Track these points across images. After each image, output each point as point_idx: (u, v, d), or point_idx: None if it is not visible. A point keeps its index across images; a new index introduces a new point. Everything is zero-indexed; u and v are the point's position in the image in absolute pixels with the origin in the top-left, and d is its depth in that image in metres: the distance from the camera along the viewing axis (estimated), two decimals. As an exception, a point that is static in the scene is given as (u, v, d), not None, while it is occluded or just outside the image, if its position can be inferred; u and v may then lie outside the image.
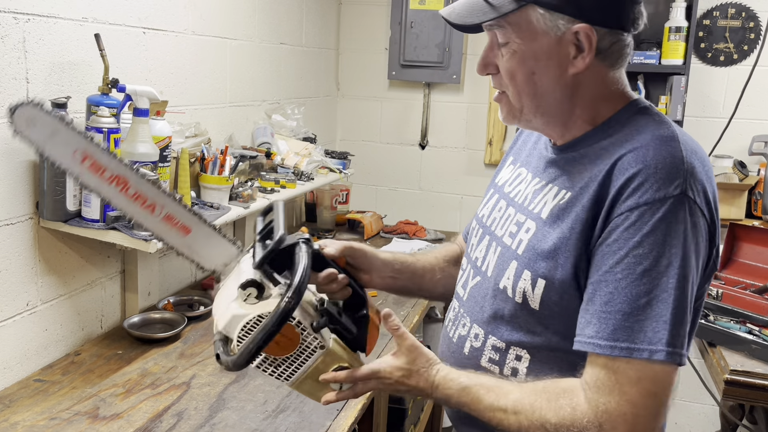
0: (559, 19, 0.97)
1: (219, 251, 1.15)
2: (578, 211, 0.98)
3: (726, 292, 2.26)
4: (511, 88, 1.03)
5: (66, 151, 1.06)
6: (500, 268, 1.07)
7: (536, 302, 1.01)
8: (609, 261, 0.93)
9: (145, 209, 1.11)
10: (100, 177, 1.07)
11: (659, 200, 0.90)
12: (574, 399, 0.94)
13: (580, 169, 1.02)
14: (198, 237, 1.14)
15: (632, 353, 0.91)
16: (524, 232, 1.05)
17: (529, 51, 0.99)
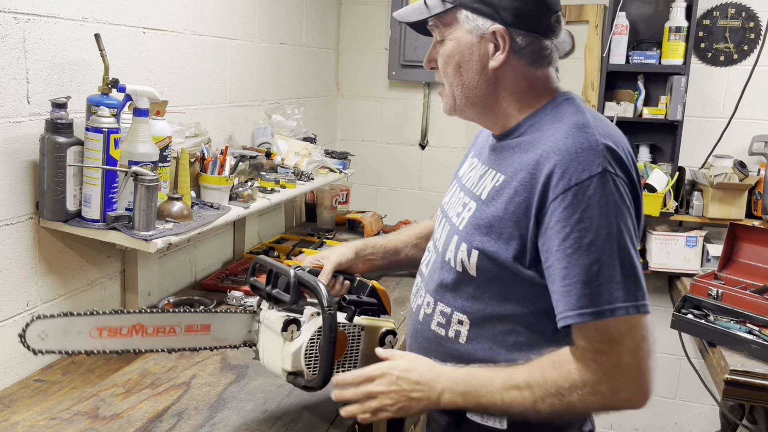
0: (480, 20, 1.14)
1: (240, 325, 1.35)
2: (510, 193, 1.13)
3: (726, 292, 2.26)
4: (446, 80, 1.22)
5: (83, 338, 1.13)
6: (446, 243, 1.23)
7: (473, 270, 1.17)
8: (557, 240, 1.05)
9: (168, 336, 1.23)
10: (121, 336, 1.18)
11: (586, 179, 1.04)
12: (576, 364, 1.06)
13: (513, 156, 1.17)
14: (219, 327, 1.32)
15: (600, 315, 1.03)
16: (467, 211, 1.21)
17: (457, 46, 1.17)
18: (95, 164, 1.52)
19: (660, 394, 3.31)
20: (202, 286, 2.19)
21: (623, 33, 2.88)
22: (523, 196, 1.10)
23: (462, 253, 1.17)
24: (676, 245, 2.89)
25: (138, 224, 1.56)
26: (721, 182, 2.77)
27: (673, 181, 2.85)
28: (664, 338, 3.23)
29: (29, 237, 1.55)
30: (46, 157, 1.50)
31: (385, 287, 2.32)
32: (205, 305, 1.97)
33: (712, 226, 2.95)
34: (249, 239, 2.56)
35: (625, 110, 2.93)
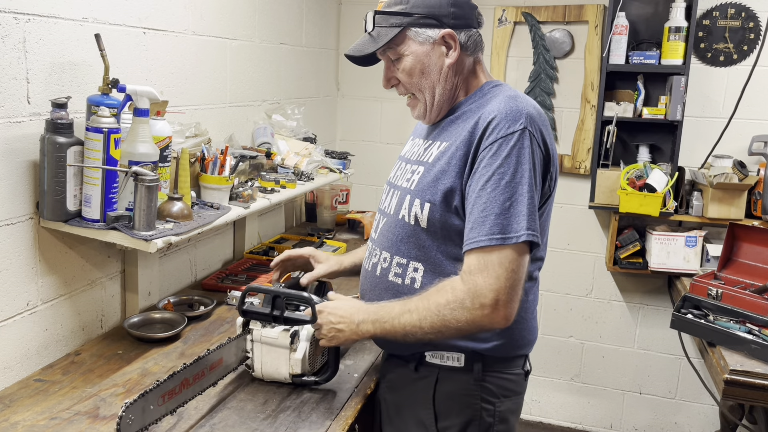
0: (428, 31, 1.38)
1: (236, 350, 1.51)
2: (453, 150, 1.35)
3: (726, 292, 2.26)
4: (413, 89, 1.44)
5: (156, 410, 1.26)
6: (399, 204, 1.43)
7: (424, 221, 1.37)
8: (481, 181, 1.28)
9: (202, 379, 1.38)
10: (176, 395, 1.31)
11: (510, 133, 1.29)
12: (454, 284, 1.30)
13: (455, 127, 1.40)
14: (227, 357, 1.46)
15: (505, 241, 1.25)
16: (416, 174, 1.42)
17: (416, 58, 1.40)
18: (95, 164, 1.52)
19: (660, 393, 3.31)
20: (203, 286, 2.19)
21: (623, 33, 2.88)
22: (462, 150, 1.33)
23: (416, 208, 1.38)
24: (675, 245, 2.89)
25: (138, 224, 1.56)
26: (721, 182, 2.78)
27: (672, 181, 2.86)
28: (664, 338, 3.23)
29: (29, 237, 1.55)
30: (47, 157, 1.50)
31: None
32: (204, 305, 1.97)
33: (712, 226, 2.95)
34: (249, 239, 2.56)
35: (625, 110, 2.93)
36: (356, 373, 1.63)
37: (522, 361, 1.47)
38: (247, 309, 1.55)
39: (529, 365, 1.50)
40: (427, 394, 1.43)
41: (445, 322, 1.29)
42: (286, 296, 1.53)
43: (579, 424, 3.44)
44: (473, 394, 1.41)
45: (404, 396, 1.48)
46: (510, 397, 1.44)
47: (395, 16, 1.38)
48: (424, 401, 1.43)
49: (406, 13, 1.37)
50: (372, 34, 1.41)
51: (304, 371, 1.52)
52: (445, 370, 1.41)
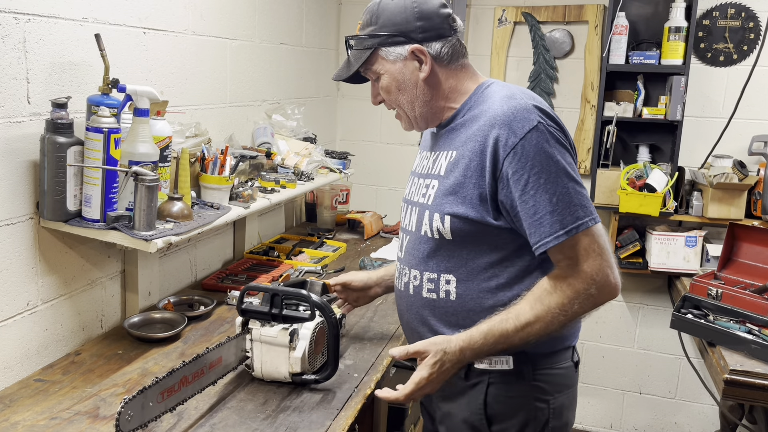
0: (397, 49, 1.39)
1: (235, 350, 1.51)
2: (465, 162, 1.35)
3: (726, 292, 2.26)
4: (394, 105, 1.46)
5: (156, 407, 1.27)
6: (419, 220, 1.43)
7: (448, 234, 1.37)
8: (519, 187, 1.29)
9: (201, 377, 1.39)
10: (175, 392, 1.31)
11: (527, 133, 1.28)
12: (565, 282, 1.30)
13: (458, 134, 1.40)
14: (226, 356, 1.47)
15: (574, 231, 1.27)
16: (431, 189, 1.42)
17: (390, 76, 1.42)
18: (95, 164, 1.52)
19: (660, 393, 3.32)
20: (203, 286, 2.19)
21: (623, 33, 2.89)
22: (476, 161, 1.33)
23: (436, 222, 1.38)
24: (675, 245, 2.89)
25: (138, 224, 1.56)
26: (721, 182, 2.78)
27: (672, 181, 2.86)
28: (663, 338, 3.23)
29: (30, 237, 1.56)
30: (47, 157, 1.50)
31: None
32: (204, 305, 1.97)
33: (712, 226, 2.95)
34: (249, 239, 2.56)
35: (625, 110, 2.93)
36: (356, 373, 1.63)
37: (570, 352, 1.46)
38: (246, 308, 1.55)
39: (577, 356, 1.49)
40: (478, 400, 1.42)
41: (572, 317, 1.32)
42: (285, 294, 1.53)
43: (579, 424, 3.44)
44: (526, 395, 1.40)
45: (456, 404, 1.46)
46: (563, 392, 1.44)
47: (367, 39, 1.41)
48: (475, 407, 1.42)
49: (375, 35, 1.40)
50: (349, 57, 1.45)
51: (303, 370, 1.53)
52: (495, 374, 1.40)
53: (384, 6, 1.39)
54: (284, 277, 2.25)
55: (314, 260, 2.48)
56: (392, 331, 1.92)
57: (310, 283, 1.75)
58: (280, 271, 2.29)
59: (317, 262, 2.47)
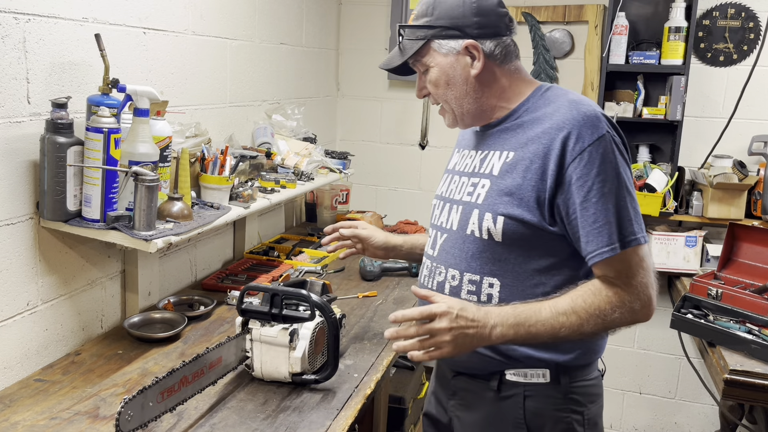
0: (451, 42, 1.36)
1: (235, 350, 1.51)
2: (526, 163, 1.32)
3: (726, 292, 2.26)
4: (440, 99, 1.43)
5: (156, 407, 1.27)
6: (464, 219, 1.38)
7: (498, 235, 1.33)
8: (582, 193, 1.27)
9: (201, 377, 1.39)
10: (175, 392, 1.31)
11: (596, 140, 1.27)
12: (612, 289, 1.28)
13: (515, 135, 1.37)
14: (226, 356, 1.47)
15: (629, 244, 1.26)
16: (480, 188, 1.38)
17: (440, 69, 1.39)
18: (95, 164, 1.52)
19: (660, 393, 3.31)
20: (203, 286, 2.19)
21: (623, 33, 2.89)
22: (538, 163, 1.30)
23: (487, 222, 1.33)
24: (675, 245, 2.89)
25: (138, 224, 1.56)
26: (721, 182, 2.78)
27: (672, 181, 2.86)
28: (663, 338, 3.23)
29: (30, 237, 1.56)
30: (47, 157, 1.50)
31: (385, 287, 2.33)
32: (204, 305, 1.97)
33: (712, 226, 2.95)
34: (249, 239, 2.56)
35: (625, 110, 2.93)
36: (356, 373, 1.63)
37: (597, 362, 1.47)
38: (246, 308, 1.55)
39: (603, 364, 1.50)
40: (516, 414, 1.38)
41: (607, 325, 1.29)
42: (285, 294, 1.53)
43: (579, 424, 3.44)
44: (563, 408, 1.39)
45: (486, 416, 1.42)
46: (595, 402, 1.44)
47: (420, 29, 1.38)
48: (513, 421, 1.39)
49: (429, 25, 1.37)
50: (400, 46, 1.41)
51: (303, 370, 1.53)
52: (530, 387, 1.37)
53: (433, 3, 1.37)
54: (284, 277, 2.25)
55: (314, 260, 2.48)
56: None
57: (310, 283, 1.75)
58: (280, 271, 2.29)
59: (317, 262, 2.47)
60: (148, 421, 1.26)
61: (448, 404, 1.50)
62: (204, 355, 1.39)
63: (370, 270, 2.35)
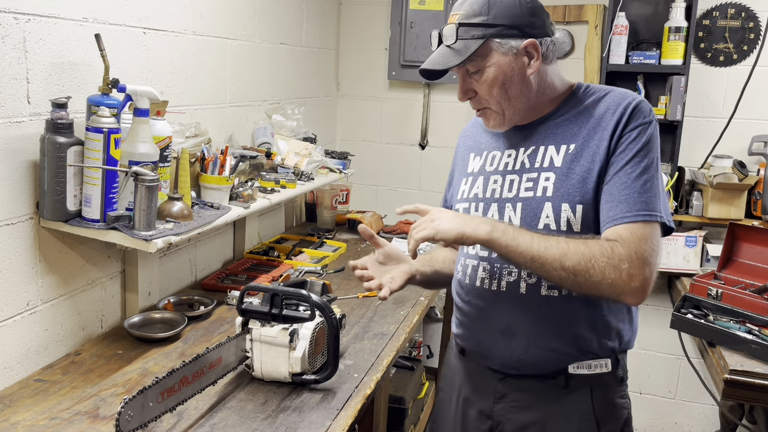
0: (511, 41, 1.35)
1: (235, 350, 1.51)
2: (592, 151, 1.35)
3: (726, 292, 2.26)
4: (492, 101, 1.39)
5: (156, 407, 1.28)
6: (532, 215, 1.37)
7: (578, 224, 1.34)
8: (621, 163, 1.32)
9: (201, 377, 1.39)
10: (175, 392, 1.32)
11: (647, 123, 1.34)
12: (615, 244, 1.27)
13: (570, 129, 1.40)
14: (226, 356, 1.47)
15: (648, 217, 1.29)
16: (544, 181, 1.37)
17: (498, 69, 1.36)
18: (95, 164, 1.52)
19: (660, 393, 3.32)
20: (203, 286, 2.19)
21: (623, 33, 2.89)
22: (604, 143, 1.34)
23: (566, 213, 1.34)
24: (675, 245, 2.89)
25: (138, 224, 1.56)
26: (721, 182, 2.78)
27: (672, 181, 2.86)
28: (663, 338, 3.23)
29: (30, 237, 1.56)
30: (47, 157, 1.50)
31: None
32: (204, 305, 1.97)
33: (712, 226, 2.95)
34: (249, 239, 2.56)
35: (625, 110, 2.93)
36: (356, 373, 1.63)
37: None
38: (246, 308, 1.55)
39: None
40: (584, 407, 1.40)
41: (589, 271, 1.25)
42: (285, 294, 1.53)
43: (579, 424, 3.44)
44: (622, 394, 1.45)
45: (549, 413, 1.41)
46: (627, 384, 1.50)
47: (477, 28, 1.34)
48: (581, 414, 1.40)
49: (489, 24, 1.34)
50: (453, 47, 1.36)
51: (303, 370, 1.53)
52: (595, 378, 1.40)
53: (491, 3, 1.35)
54: (284, 277, 2.25)
55: (314, 260, 2.49)
56: (392, 331, 1.92)
57: (310, 283, 1.75)
58: (280, 271, 2.29)
59: (317, 262, 2.47)
60: (148, 421, 1.26)
61: (494, 409, 1.45)
62: (204, 355, 1.39)
63: None
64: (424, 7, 3.21)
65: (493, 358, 1.43)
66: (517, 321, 1.39)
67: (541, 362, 1.39)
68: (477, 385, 1.49)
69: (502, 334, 1.40)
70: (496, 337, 1.41)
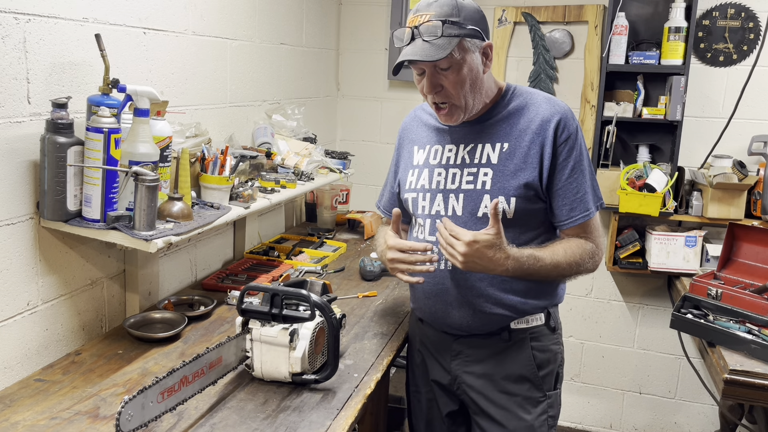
0: (476, 41, 1.53)
1: (235, 350, 1.52)
2: (524, 150, 1.58)
3: (725, 292, 2.27)
4: (458, 96, 1.54)
5: (156, 407, 1.28)
6: (473, 205, 1.59)
7: (511, 213, 1.57)
8: (567, 170, 1.58)
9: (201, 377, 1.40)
10: (176, 392, 1.32)
11: (575, 130, 1.60)
12: (588, 244, 1.63)
13: (503, 128, 1.61)
14: (226, 355, 1.48)
15: (598, 208, 1.64)
16: (483, 176, 1.59)
17: (469, 67, 1.53)
18: (96, 164, 1.52)
19: (659, 393, 3.32)
20: (203, 285, 2.19)
21: (623, 33, 2.89)
22: (536, 149, 1.57)
23: (502, 204, 1.56)
24: (675, 245, 2.89)
25: (138, 224, 1.56)
26: (721, 182, 2.78)
27: (672, 181, 2.86)
28: (663, 338, 3.23)
29: (30, 237, 1.56)
30: (47, 157, 1.50)
31: (385, 287, 2.33)
32: (204, 305, 1.97)
33: (712, 226, 2.95)
34: (249, 239, 2.56)
35: (625, 110, 2.93)
36: (356, 373, 1.64)
37: None
38: (246, 308, 1.55)
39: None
40: (526, 354, 1.66)
41: (580, 271, 1.61)
42: (285, 294, 1.53)
43: (579, 423, 3.45)
44: (555, 342, 1.71)
45: (496, 363, 1.67)
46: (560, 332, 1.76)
47: (455, 27, 1.49)
48: (523, 361, 1.66)
49: (462, 24, 1.50)
50: (435, 42, 1.48)
51: (303, 369, 1.53)
52: (533, 330, 1.66)
53: (462, 3, 1.52)
54: (284, 277, 2.25)
55: (314, 260, 2.49)
56: (392, 331, 1.92)
57: (310, 283, 1.75)
58: (280, 271, 2.29)
59: (317, 262, 2.47)
60: (149, 421, 1.26)
61: (452, 365, 1.71)
62: (204, 355, 1.39)
63: (370, 270, 2.36)
64: (424, 7, 3.20)
65: (446, 324, 1.68)
66: (466, 293, 1.62)
67: (486, 324, 1.64)
68: (435, 346, 1.75)
69: (457, 303, 1.63)
70: (447, 308, 1.65)
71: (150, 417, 1.26)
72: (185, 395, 1.35)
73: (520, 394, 1.67)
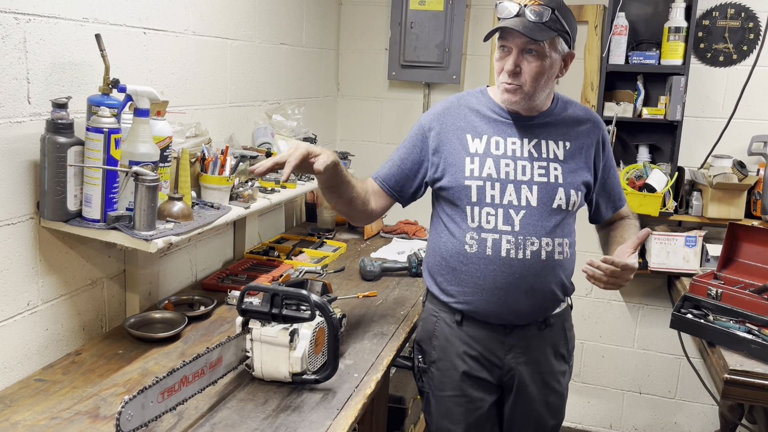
0: (563, 45, 1.63)
1: (235, 350, 1.52)
2: (585, 150, 1.75)
3: (725, 292, 2.27)
4: (530, 83, 1.62)
5: (156, 406, 1.28)
6: (548, 196, 1.68)
7: (577, 205, 1.73)
8: (609, 167, 1.82)
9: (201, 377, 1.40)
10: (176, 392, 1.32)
11: (608, 134, 1.80)
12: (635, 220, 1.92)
13: (560, 129, 1.74)
14: (226, 355, 1.48)
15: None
16: (554, 170, 1.70)
17: (550, 61, 1.61)
18: (96, 164, 1.52)
19: (659, 393, 3.32)
20: (203, 285, 2.19)
21: (623, 33, 2.89)
22: (590, 151, 1.75)
23: (573, 197, 1.70)
24: (675, 245, 2.89)
25: (139, 224, 1.56)
26: (721, 182, 2.78)
27: (672, 181, 2.86)
28: (663, 338, 3.23)
29: (30, 237, 1.56)
30: (47, 157, 1.50)
31: (385, 287, 2.33)
32: (205, 305, 1.97)
33: (712, 226, 2.95)
34: (249, 239, 2.56)
35: (625, 110, 2.93)
36: (356, 373, 1.64)
37: None
38: (246, 308, 1.55)
39: None
40: (559, 336, 1.80)
41: None
42: (285, 294, 1.53)
43: (579, 423, 3.45)
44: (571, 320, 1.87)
45: (539, 349, 1.77)
46: None
47: (557, 22, 1.58)
48: (559, 340, 1.81)
49: (561, 22, 1.59)
50: (540, 24, 1.55)
51: (304, 369, 1.53)
52: (563, 314, 1.81)
53: (566, 8, 1.62)
54: (284, 277, 2.25)
55: (314, 260, 2.49)
56: (392, 331, 1.92)
57: (310, 283, 1.75)
58: (280, 271, 2.29)
59: (317, 262, 2.47)
60: (149, 421, 1.26)
61: (505, 359, 1.76)
62: (204, 355, 1.39)
63: (370, 270, 2.36)
64: (424, 8, 3.21)
65: (513, 314, 1.71)
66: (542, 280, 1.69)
67: (549, 308, 1.75)
68: (485, 344, 1.75)
69: (532, 292, 1.68)
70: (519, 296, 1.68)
71: (150, 417, 1.26)
72: (185, 395, 1.35)
73: (557, 370, 1.81)
